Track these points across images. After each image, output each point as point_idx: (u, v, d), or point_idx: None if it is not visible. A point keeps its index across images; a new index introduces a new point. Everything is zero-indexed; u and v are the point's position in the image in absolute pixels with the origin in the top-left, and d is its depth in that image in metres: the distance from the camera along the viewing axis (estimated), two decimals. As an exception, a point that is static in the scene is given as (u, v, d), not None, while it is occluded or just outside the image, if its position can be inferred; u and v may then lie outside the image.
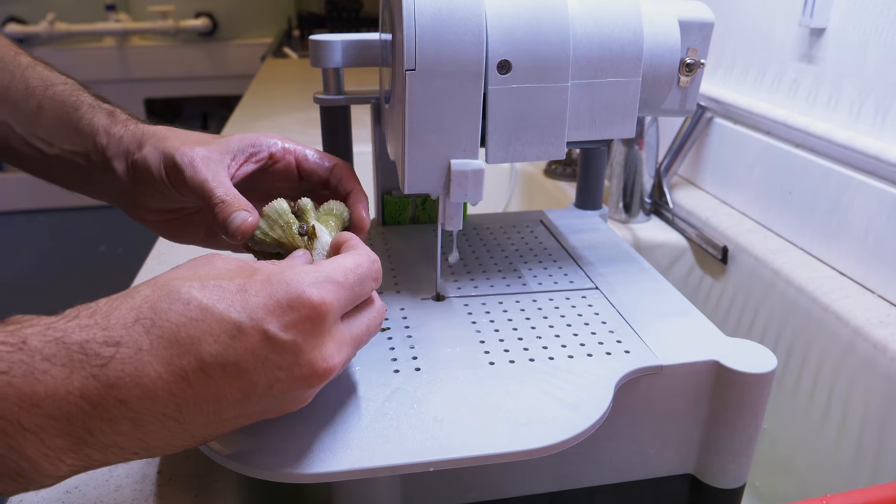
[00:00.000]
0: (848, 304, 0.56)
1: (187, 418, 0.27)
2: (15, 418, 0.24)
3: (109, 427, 0.26)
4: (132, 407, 0.26)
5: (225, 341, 0.27)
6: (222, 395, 0.27)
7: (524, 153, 0.42)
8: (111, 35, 2.50)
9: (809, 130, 0.63)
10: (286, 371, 0.28)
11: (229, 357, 0.27)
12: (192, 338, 0.27)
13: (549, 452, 0.33)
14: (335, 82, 0.52)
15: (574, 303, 0.46)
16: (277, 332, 0.28)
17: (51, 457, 0.25)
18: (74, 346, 0.25)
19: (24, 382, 0.24)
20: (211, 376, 0.27)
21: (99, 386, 0.25)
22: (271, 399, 0.29)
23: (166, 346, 0.26)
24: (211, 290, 0.28)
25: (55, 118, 0.42)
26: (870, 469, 0.52)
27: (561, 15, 0.39)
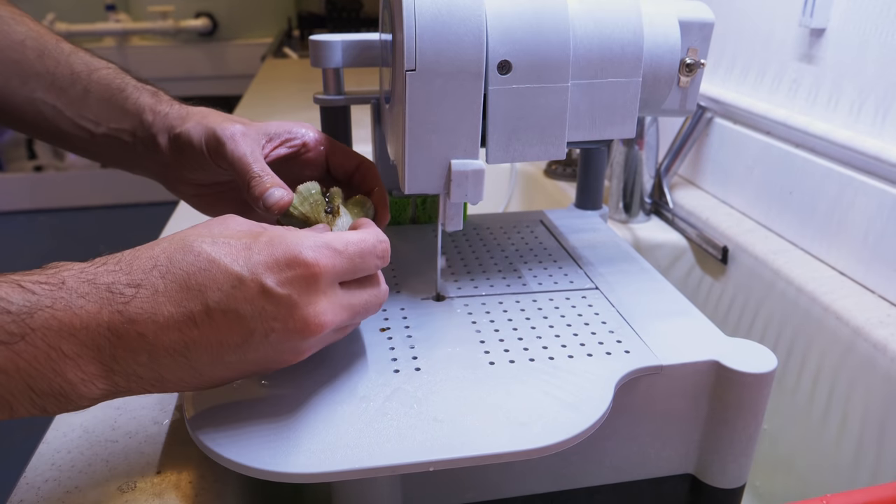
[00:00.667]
0: (848, 304, 0.56)
1: (194, 356, 0.31)
2: (58, 346, 0.28)
3: (131, 357, 0.30)
4: (149, 340, 0.30)
5: (227, 290, 0.31)
6: (224, 339, 0.31)
7: (524, 153, 0.42)
8: (111, 35, 2.50)
9: (809, 130, 0.63)
10: (280, 322, 0.31)
11: (230, 304, 0.31)
12: (200, 285, 0.30)
13: (549, 452, 0.33)
14: (335, 82, 0.52)
15: (574, 303, 0.46)
16: (274, 286, 0.31)
17: (86, 381, 0.29)
18: (103, 287, 0.30)
19: (65, 315, 0.28)
20: (214, 320, 0.30)
21: (122, 320, 0.29)
22: (268, 347, 0.32)
23: (178, 291, 0.30)
24: (220, 245, 0.32)
25: (102, 100, 0.46)
26: (870, 469, 0.52)
27: (561, 15, 0.39)
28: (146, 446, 0.41)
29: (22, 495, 0.37)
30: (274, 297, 0.31)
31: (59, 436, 0.41)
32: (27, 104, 0.45)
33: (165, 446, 0.41)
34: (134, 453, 0.40)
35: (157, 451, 0.40)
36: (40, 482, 0.38)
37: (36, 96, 0.45)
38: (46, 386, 0.28)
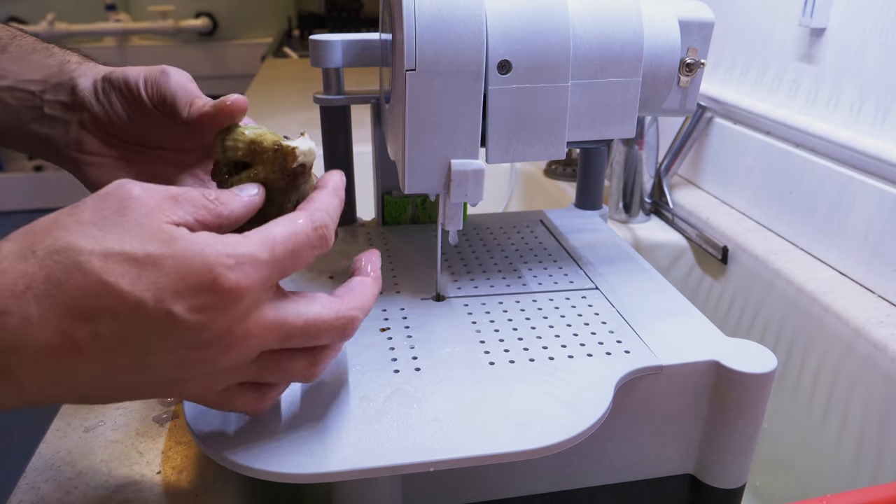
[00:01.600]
0: (848, 304, 0.56)
1: (77, 382, 0.26)
2: None
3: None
4: (15, 375, 0.25)
5: (124, 317, 0.25)
6: (114, 365, 0.26)
7: (524, 153, 0.42)
8: (111, 35, 2.50)
9: (809, 130, 0.63)
10: (184, 346, 0.27)
11: (125, 331, 0.26)
12: (89, 311, 0.25)
13: (549, 452, 0.33)
14: (335, 82, 0.52)
15: (574, 303, 0.46)
16: (183, 313, 0.26)
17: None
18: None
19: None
20: (104, 345, 0.26)
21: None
22: (166, 371, 0.27)
23: (58, 317, 0.25)
24: (116, 263, 0.25)
25: (18, 57, 0.42)
26: (870, 469, 0.52)
27: (561, 15, 0.39)
28: (146, 446, 0.41)
29: (22, 495, 0.37)
30: (181, 323, 0.26)
31: (59, 436, 0.41)
32: None
33: (165, 446, 0.41)
34: (134, 453, 0.40)
35: (157, 452, 0.40)
36: (40, 482, 0.38)
37: None
38: None
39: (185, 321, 0.26)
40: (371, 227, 0.59)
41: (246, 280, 0.27)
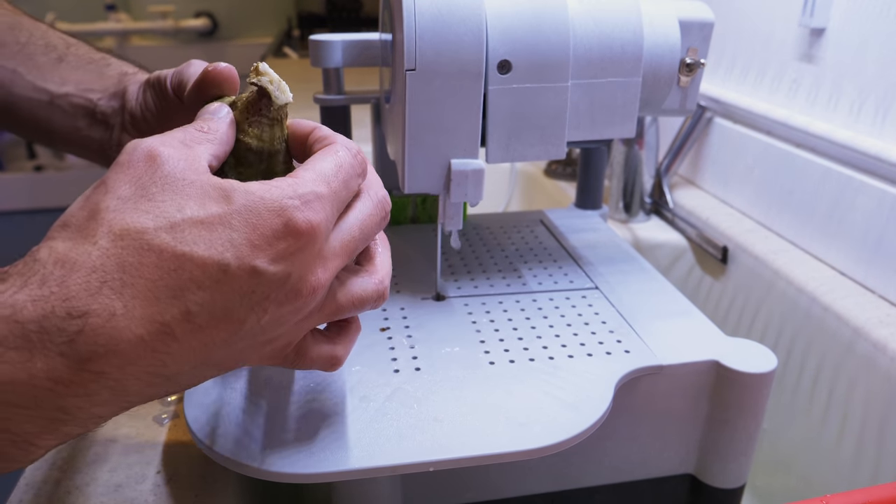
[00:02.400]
0: (848, 304, 0.56)
1: (173, 370, 0.25)
2: None
3: (87, 402, 0.23)
4: (112, 377, 0.23)
5: (210, 286, 0.24)
6: (210, 340, 0.25)
7: (524, 153, 0.42)
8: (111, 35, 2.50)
9: (809, 130, 0.63)
10: (273, 301, 0.26)
11: (217, 301, 0.24)
12: (174, 290, 0.23)
13: (549, 452, 0.33)
14: (335, 82, 0.52)
15: (574, 303, 0.46)
16: (266, 266, 0.25)
17: (19, 442, 0.22)
18: (31, 325, 0.22)
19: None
20: (198, 325, 0.24)
21: (69, 364, 0.22)
22: (258, 333, 0.27)
23: (144, 306, 0.23)
24: (185, 231, 0.24)
25: (76, 66, 0.43)
26: (870, 469, 0.52)
27: (561, 15, 0.39)
28: (146, 446, 0.41)
29: (22, 495, 0.37)
30: (266, 277, 0.25)
31: (59, 436, 0.41)
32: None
33: (165, 446, 0.41)
34: (134, 453, 0.40)
35: (157, 452, 0.40)
36: (40, 482, 0.38)
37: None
38: None
39: (271, 274, 0.25)
40: (371, 227, 0.59)
41: (316, 216, 0.26)
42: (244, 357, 0.28)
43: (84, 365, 0.22)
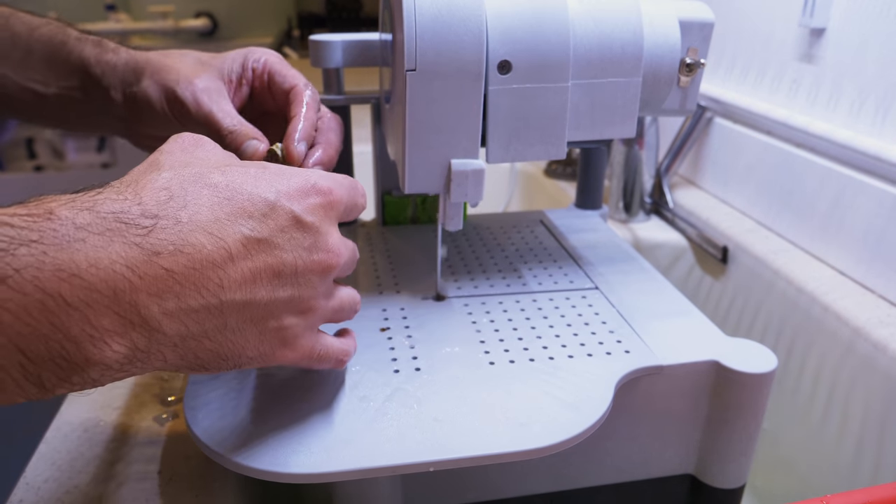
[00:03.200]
0: (848, 304, 0.56)
1: (226, 296, 0.27)
2: (56, 291, 0.22)
3: (156, 303, 0.24)
4: (178, 278, 0.25)
5: (259, 217, 0.28)
6: (258, 272, 0.28)
7: (524, 153, 0.42)
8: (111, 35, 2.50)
9: (809, 130, 0.63)
10: (307, 251, 0.30)
11: (264, 232, 0.28)
12: (229, 215, 0.27)
13: (550, 452, 0.33)
14: (335, 82, 0.52)
15: (574, 303, 0.46)
16: (302, 213, 0.29)
17: (96, 338, 0.23)
18: (109, 216, 0.24)
19: (60, 251, 0.22)
20: (250, 251, 0.27)
21: (143, 254, 0.24)
22: (294, 285, 0.29)
23: (205, 222, 0.26)
24: (234, 174, 0.29)
25: (45, 58, 0.43)
26: (870, 469, 0.52)
27: (561, 15, 0.39)
28: (146, 446, 0.41)
29: (22, 495, 0.37)
30: (303, 225, 0.29)
31: (59, 436, 0.41)
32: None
33: (165, 446, 0.41)
34: (134, 453, 0.40)
35: (157, 451, 0.40)
36: (40, 482, 0.38)
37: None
38: (43, 348, 0.22)
39: (306, 222, 0.29)
40: (371, 228, 0.59)
41: (337, 188, 0.31)
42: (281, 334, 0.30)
43: (156, 258, 0.24)
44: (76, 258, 0.22)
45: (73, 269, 0.22)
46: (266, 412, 0.35)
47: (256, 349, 0.29)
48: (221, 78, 0.41)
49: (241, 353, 0.29)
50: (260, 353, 0.30)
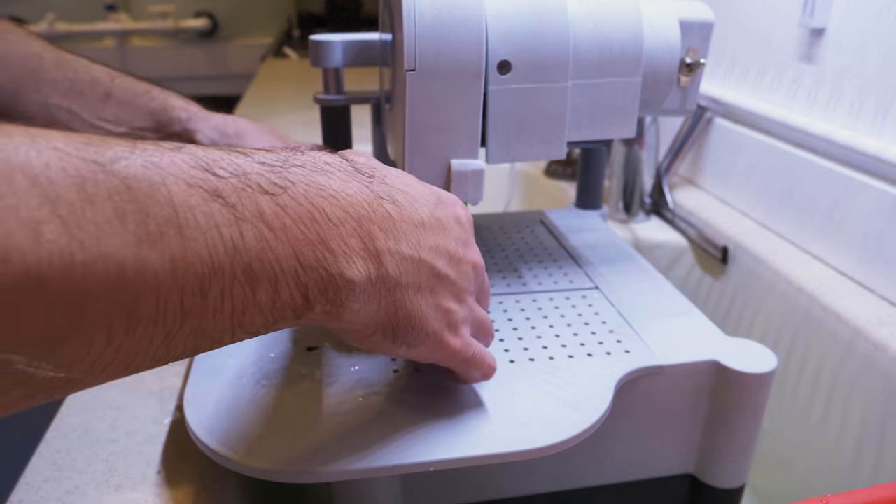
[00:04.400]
0: (848, 304, 0.56)
1: (423, 254, 0.30)
2: (321, 205, 0.26)
3: (383, 236, 0.28)
4: (395, 223, 0.29)
5: (433, 203, 0.32)
6: (438, 246, 0.31)
7: (524, 153, 0.42)
8: (111, 35, 2.50)
9: (809, 130, 0.63)
10: (463, 245, 0.33)
11: (439, 215, 0.32)
12: (415, 193, 0.31)
13: (550, 452, 0.33)
14: (335, 82, 0.52)
15: (574, 303, 0.46)
16: (458, 214, 0.33)
17: (348, 254, 0.26)
18: (344, 163, 0.29)
19: (320, 175, 0.26)
20: (432, 225, 0.31)
21: (372, 195, 0.28)
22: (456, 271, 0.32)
23: (403, 194, 0.30)
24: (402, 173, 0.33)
25: (125, 101, 0.46)
26: (870, 469, 0.52)
27: (561, 15, 0.39)
28: (146, 446, 0.41)
29: (22, 495, 0.37)
30: (460, 222, 0.33)
31: (59, 436, 0.41)
32: (39, 109, 0.45)
33: (165, 446, 0.41)
34: (134, 453, 0.40)
35: (157, 451, 0.40)
36: (40, 482, 0.38)
37: (50, 101, 0.45)
38: (311, 255, 0.25)
39: (462, 220, 0.33)
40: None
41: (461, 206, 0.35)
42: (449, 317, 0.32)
43: (380, 201, 0.29)
44: (332, 183, 0.27)
45: (331, 191, 0.26)
46: (266, 412, 0.35)
47: (433, 325, 0.31)
48: None
49: (423, 324, 0.31)
50: (434, 331, 0.31)
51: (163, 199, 0.21)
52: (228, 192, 0.23)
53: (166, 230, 0.21)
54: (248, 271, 0.23)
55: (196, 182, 0.22)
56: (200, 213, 0.22)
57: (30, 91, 0.45)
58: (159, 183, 0.21)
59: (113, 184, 0.20)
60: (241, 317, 0.24)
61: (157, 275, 0.21)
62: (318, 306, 0.26)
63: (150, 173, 0.21)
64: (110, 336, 0.20)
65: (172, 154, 0.22)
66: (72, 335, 0.19)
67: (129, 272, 0.20)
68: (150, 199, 0.21)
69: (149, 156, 0.22)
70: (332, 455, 0.32)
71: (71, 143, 0.20)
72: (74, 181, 0.19)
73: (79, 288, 0.19)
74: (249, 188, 0.24)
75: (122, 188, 0.20)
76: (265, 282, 0.24)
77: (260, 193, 0.24)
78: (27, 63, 0.45)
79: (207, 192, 0.22)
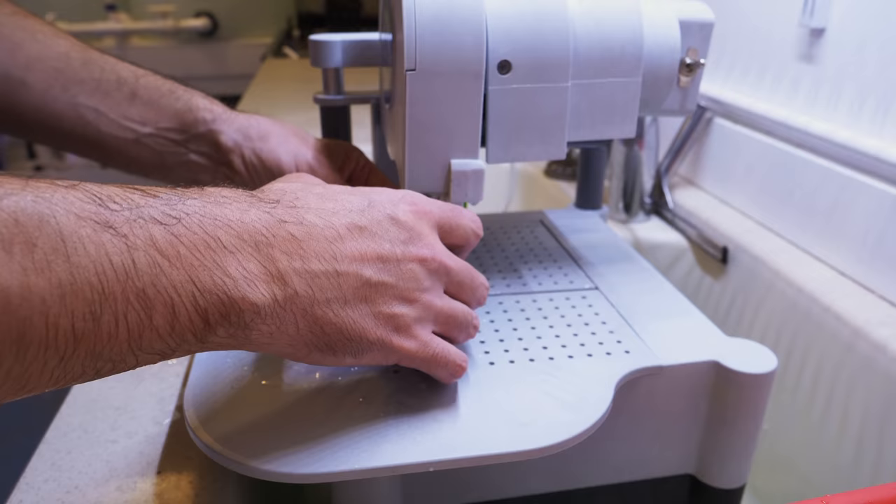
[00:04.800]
0: (848, 304, 0.56)
1: (340, 267, 0.30)
2: (215, 234, 0.27)
3: (286, 260, 0.29)
4: (300, 243, 0.29)
5: (359, 211, 0.32)
6: (364, 252, 0.31)
7: (524, 153, 0.42)
8: (111, 35, 2.50)
9: (809, 130, 0.63)
10: (403, 244, 0.33)
11: (364, 221, 0.32)
12: (334, 208, 0.32)
13: (550, 452, 0.33)
14: (335, 82, 0.52)
15: (574, 303, 0.46)
16: (395, 213, 0.33)
17: (248, 279, 0.27)
18: (244, 195, 0.30)
19: (216, 206, 0.28)
20: (353, 233, 0.31)
21: (273, 220, 0.29)
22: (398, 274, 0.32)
23: (317, 209, 0.31)
24: (333, 187, 0.34)
25: (150, 101, 0.47)
26: (870, 469, 0.52)
27: (561, 15, 0.39)
28: (146, 446, 0.41)
29: (22, 495, 0.37)
30: (398, 222, 0.33)
31: (59, 436, 0.41)
32: (68, 109, 0.46)
33: (165, 446, 0.41)
34: (134, 453, 0.40)
35: (157, 451, 0.40)
36: (40, 482, 0.38)
37: (78, 101, 0.46)
38: (209, 280, 0.26)
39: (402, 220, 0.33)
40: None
41: (426, 202, 0.35)
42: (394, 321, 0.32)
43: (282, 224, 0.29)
44: (227, 213, 0.28)
45: (227, 220, 0.27)
46: (266, 412, 0.35)
47: (375, 333, 0.32)
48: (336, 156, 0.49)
49: (362, 335, 0.31)
50: (379, 338, 0.32)
51: (51, 230, 0.22)
52: (120, 223, 0.24)
53: (54, 258, 0.22)
54: (142, 296, 0.24)
55: (87, 215, 0.23)
56: (90, 242, 0.23)
57: (58, 91, 0.45)
58: (48, 216, 0.22)
59: (1, 217, 0.21)
60: (138, 340, 0.25)
61: (45, 301, 0.22)
62: (221, 329, 0.27)
63: (39, 207, 0.22)
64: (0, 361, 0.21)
65: (65, 191, 0.24)
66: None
67: (14, 298, 0.21)
68: (39, 230, 0.22)
69: (40, 192, 0.23)
70: (332, 455, 0.32)
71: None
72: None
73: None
74: (142, 219, 0.25)
75: (11, 221, 0.22)
76: (160, 306, 0.25)
77: (153, 224, 0.25)
78: (55, 63, 0.46)
79: (98, 223, 0.24)
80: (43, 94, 0.45)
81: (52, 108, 0.45)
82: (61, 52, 0.46)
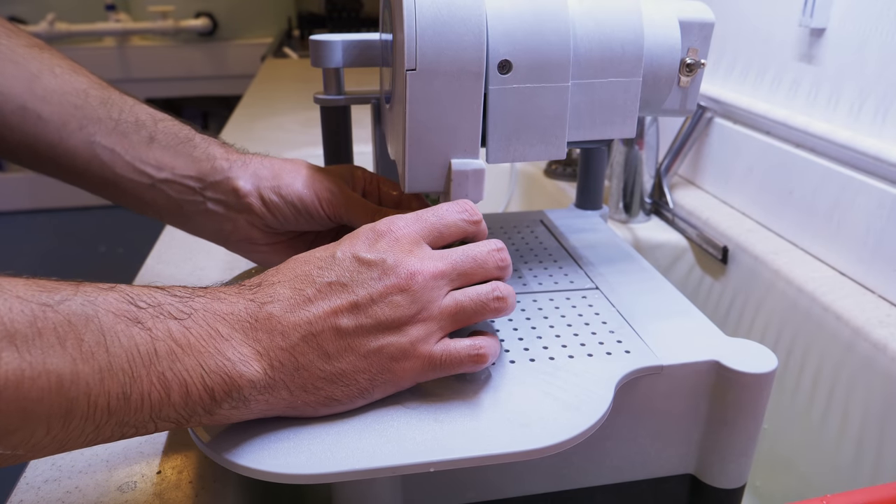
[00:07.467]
0: (848, 304, 0.56)
1: (316, 328, 0.33)
2: (215, 327, 0.32)
3: (269, 339, 0.32)
4: (278, 319, 0.33)
5: (325, 265, 0.35)
6: (337, 307, 0.34)
7: (525, 153, 0.42)
8: (111, 35, 2.50)
9: (809, 130, 0.63)
10: (376, 280, 0.34)
11: (332, 276, 0.34)
12: (306, 271, 0.35)
13: (550, 453, 0.33)
14: (335, 82, 0.52)
15: (574, 303, 0.46)
16: (363, 253, 0.35)
17: (243, 360, 0.32)
18: (234, 288, 0.34)
19: (217, 302, 0.32)
20: (323, 293, 0.34)
21: (254, 305, 0.33)
22: (376, 313, 0.34)
23: (290, 280, 0.34)
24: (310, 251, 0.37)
25: (167, 147, 0.47)
26: (870, 469, 0.52)
27: (561, 15, 0.39)
28: (146, 446, 0.41)
29: (22, 495, 0.37)
30: (366, 262, 0.35)
31: (59, 436, 0.41)
32: (83, 147, 0.45)
33: (165, 446, 0.41)
34: (134, 453, 0.40)
35: (158, 451, 0.40)
36: (40, 482, 0.38)
37: (94, 140, 0.45)
38: (213, 363, 0.31)
39: (369, 259, 0.35)
40: (371, 227, 0.59)
41: (398, 223, 0.37)
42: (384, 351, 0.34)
43: (262, 307, 0.33)
44: (223, 307, 0.32)
45: (223, 314, 0.32)
46: (266, 412, 0.35)
47: (368, 371, 0.34)
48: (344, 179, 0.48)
49: (355, 378, 0.34)
50: (377, 373, 0.34)
51: (95, 327, 0.28)
52: (146, 318, 0.30)
53: (96, 350, 0.28)
54: (162, 378, 0.29)
55: (122, 313, 0.29)
56: (124, 335, 0.29)
57: (74, 128, 0.45)
58: (93, 315, 0.28)
59: (58, 319, 0.27)
60: (158, 412, 0.30)
61: (88, 384, 0.27)
62: (226, 404, 0.31)
63: (86, 309, 0.28)
64: (49, 429, 0.27)
65: (106, 293, 0.30)
66: (19, 429, 0.26)
67: (65, 382, 0.27)
68: (86, 328, 0.28)
69: (87, 295, 0.29)
70: (332, 455, 0.32)
71: (29, 290, 0.27)
72: (28, 319, 0.26)
73: (27, 395, 0.26)
74: (162, 315, 0.30)
75: (65, 322, 0.27)
76: (176, 385, 0.30)
77: (170, 319, 0.30)
78: (72, 98, 0.45)
79: (130, 319, 0.29)
80: (59, 130, 0.44)
81: (66, 144, 0.45)
82: (80, 88, 0.45)
